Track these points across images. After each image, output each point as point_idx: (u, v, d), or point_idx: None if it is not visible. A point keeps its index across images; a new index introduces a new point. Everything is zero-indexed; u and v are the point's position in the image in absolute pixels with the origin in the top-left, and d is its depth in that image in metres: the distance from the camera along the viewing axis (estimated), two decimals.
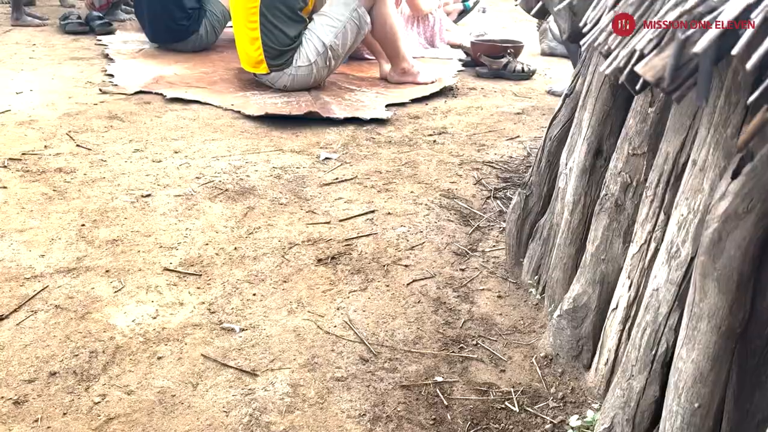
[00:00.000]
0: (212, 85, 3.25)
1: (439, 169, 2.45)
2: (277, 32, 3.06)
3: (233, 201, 2.09)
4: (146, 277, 1.65)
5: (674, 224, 0.94)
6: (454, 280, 1.70)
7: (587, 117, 1.32)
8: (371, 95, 3.30)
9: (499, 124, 3.02)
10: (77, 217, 1.92)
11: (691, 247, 0.89)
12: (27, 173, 2.19)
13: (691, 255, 0.90)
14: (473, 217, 2.06)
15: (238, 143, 2.58)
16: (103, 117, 2.76)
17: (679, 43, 0.57)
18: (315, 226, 1.96)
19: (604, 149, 1.31)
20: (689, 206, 0.90)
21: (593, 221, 1.29)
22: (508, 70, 3.85)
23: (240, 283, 1.65)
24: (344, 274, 1.70)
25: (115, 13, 4.61)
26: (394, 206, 2.11)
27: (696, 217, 0.89)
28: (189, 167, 2.32)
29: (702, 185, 0.88)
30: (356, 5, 3.14)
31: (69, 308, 1.51)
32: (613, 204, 1.23)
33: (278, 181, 2.26)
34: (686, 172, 0.95)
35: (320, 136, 2.72)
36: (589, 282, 1.29)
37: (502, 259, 1.80)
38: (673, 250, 0.93)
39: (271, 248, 1.82)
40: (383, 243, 1.88)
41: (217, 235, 1.88)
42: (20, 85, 3.14)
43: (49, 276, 1.63)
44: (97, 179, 2.18)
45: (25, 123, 2.65)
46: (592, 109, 1.30)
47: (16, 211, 1.94)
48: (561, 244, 1.42)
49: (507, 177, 2.38)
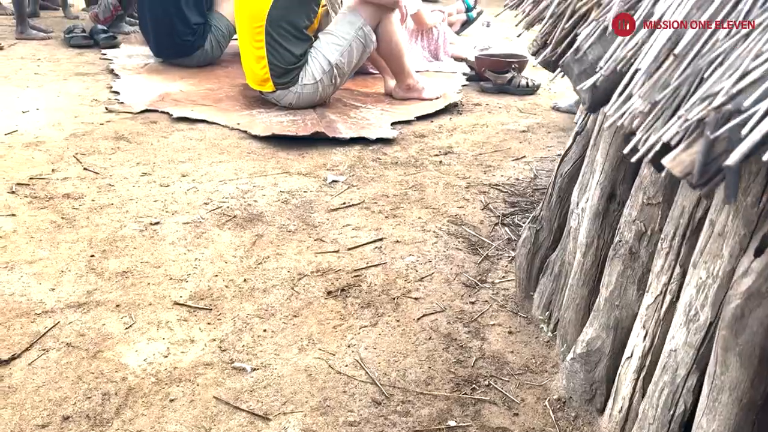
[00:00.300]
0: (218, 103, 3.25)
1: (446, 192, 2.45)
2: (282, 51, 3.07)
3: (242, 228, 2.09)
4: (156, 311, 1.65)
5: (692, 286, 0.94)
6: (465, 314, 1.70)
7: (600, 160, 1.32)
8: (376, 112, 3.30)
9: (504, 143, 3.02)
10: (86, 247, 1.92)
11: (710, 312, 0.89)
12: (35, 199, 2.19)
13: (710, 320, 0.90)
14: (482, 245, 2.06)
15: (245, 165, 2.58)
16: (110, 138, 2.76)
17: (707, 142, 0.57)
18: (324, 255, 1.96)
19: (618, 193, 1.31)
20: (708, 270, 0.90)
21: (607, 266, 1.29)
22: (513, 85, 3.85)
23: (250, 317, 1.65)
24: (354, 308, 1.70)
25: (120, 25, 4.60)
26: (402, 233, 2.11)
27: (715, 282, 0.89)
28: (197, 192, 2.32)
29: (721, 251, 0.88)
30: (362, 24, 3.14)
31: (80, 346, 1.51)
32: (627, 251, 1.23)
33: (286, 206, 2.26)
34: (704, 232, 0.95)
35: (327, 157, 2.72)
36: (603, 327, 1.29)
37: (512, 292, 1.80)
38: (691, 313, 0.93)
39: (281, 279, 1.82)
40: (392, 274, 1.88)
41: (226, 266, 1.88)
42: (26, 103, 3.14)
43: (60, 311, 1.63)
44: (105, 205, 2.18)
45: (32, 144, 2.65)
46: (605, 154, 1.30)
47: (25, 241, 1.94)
48: (573, 285, 1.42)
49: (514, 201, 2.38)
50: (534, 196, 2.45)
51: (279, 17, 3.02)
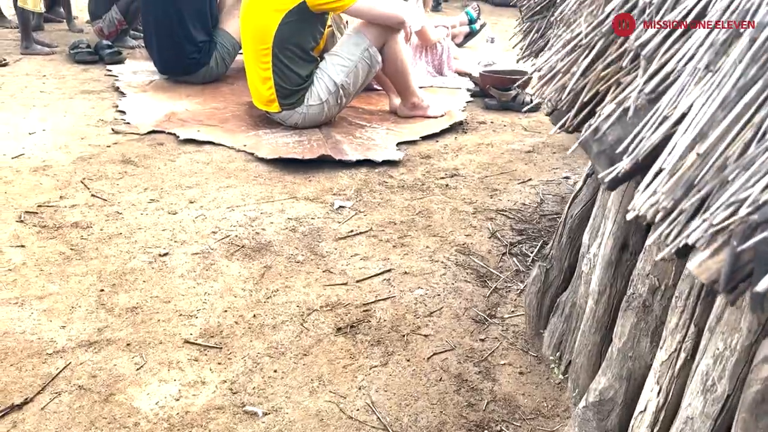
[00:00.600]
0: (224, 123, 3.26)
1: (453, 219, 2.45)
2: (289, 72, 3.07)
3: (250, 259, 2.09)
4: (167, 350, 1.65)
5: (710, 356, 0.94)
6: (475, 352, 1.70)
7: (612, 210, 1.33)
8: (382, 132, 3.30)
9: (510, 165, 3.02)
10: (96, 280, 1.93)
11: (728, 384, 0.90)
12: (44, 229, 2.20)
13: (728, 392, 0.90)
14: (490, 276, 2.06)
15: (253, 190, 2.59)
16: (117, 161, 2.76)
17: (734, 253, 0.58)
18: (332, 288, 1.96)
19: (631, 244, 1.31)
20: (725, 342, 0.91)
21: (620, 316, 1.29)
22: (517, 101, 3.86)
23: (260, 357, 1.65)
24: (364, 346, 1.71)
25: (124, 39, 4.61)
26: (411, 264, 2.11)
27: (733, 356, 0.89)
28: (205, 219, 2.33)
29: (739, 324, 0.88)
30: (367, 45, 3.15)
31: (92, 389, 1.51)
32: (640, 304, 1.23)
33: (294, 234, 2.27)
34: (720, 301, 0.95)
35: (333, 181, 2.73)
36: (616, 377, 1.29)
37: (522, 328, 1.80)
38: (708, 383, 0.93)
39: (290, 315, 1.83)
40: (401, 308, 1.88)
41: (235, 300, 1.88)
42: (33, 124, 3.15)
43: (71, 351, 1.63)
44: (114, 235, 2.18)
45: (40, 169, 2.65)
46: (617, 204, 1.30)
47: (35, 274, 1.94)
48: (585, 332, 1.43)
49: (521, 229, 2.39)
50: (541, 223, 2.45)
51: (286, 39, 3.02)
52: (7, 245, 2.09)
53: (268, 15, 3.01)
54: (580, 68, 0.94)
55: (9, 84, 3.75)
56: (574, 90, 0.96)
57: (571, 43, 0.98)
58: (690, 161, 0.69)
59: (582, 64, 0.94)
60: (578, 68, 0.94)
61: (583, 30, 0.96)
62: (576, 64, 0.95)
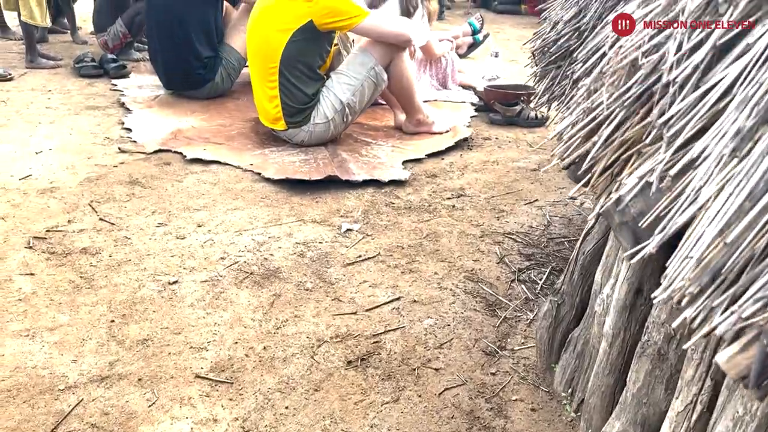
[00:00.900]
0: (230, 141, 3.26)
1: (461, 243, 2.45)
2: (295, 91, 3.08)
3: (259, 287, 2.09)
4: (179, 386, 1.65)
5: (729, 418, 0.94)
6: (486, 387, 1.70)
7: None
8: (387, 149, 3.30)
9: (516, 184, 3.03)
10: (106, 310, 1.93)
11: None
12: (53, 255, 2.20)
13: None
14: (499, 305, 2.07)
15: (260, 213, 2.59)
16: (124, 182, 2.77)
17: (764, 350, 0.58)
18: (342, 317, 1.97)
19: (645, 289, 1.31)
20: (746, 407, 0.91)
21: (634, 362, 1.29)
22: (522, 117, 3.86)
23: (272, 392, 1.65)
24: (375, 381, 1.71)
25: (128, 52, 4.61)
26: (419, 292, 2.11)
27: (753, 421, 0.89)
28: (213, 245, 2.33)
29: None
30: (374, 64, 3.15)
31: (105, 427, 1.51)
32: (655, 352, 1.23)
33: (302, 260, 2.27)
34: None
35: (340, 202, 2.73)
36: (630, 422, 1.30)
37: (533, 361, 1.80)
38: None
39: (300, 346, 1.83)
40: (411, 339, 1.88)
41: (245, 331, 1.88)
42: (39, 142, 3.15)
43: (83, 386, 1.63)
44: (123, 262, 2.18)
45: (47, 191, 2.65)
46: None
47: (45, 304, 1.94)
48: (599, 373, 1.43)
49: (530, 254, 2.39)
50: (549, 247, 2.45)
51: (293, 58, 3.03)
52: (17, 273, 2.09)
53: (275, 34, 3.02)
54: (601, 138, 0.94)
55: (15, 99, 3.76)
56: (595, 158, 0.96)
57: (593, 113, 0.98)
58: (717, 249, 0.69)
59: (603, 134, 0.94)
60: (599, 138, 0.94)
61: (605, 101, 0.96)
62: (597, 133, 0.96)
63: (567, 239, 2.51)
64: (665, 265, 1.26)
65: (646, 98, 0.90)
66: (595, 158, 0.95)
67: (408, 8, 3.93)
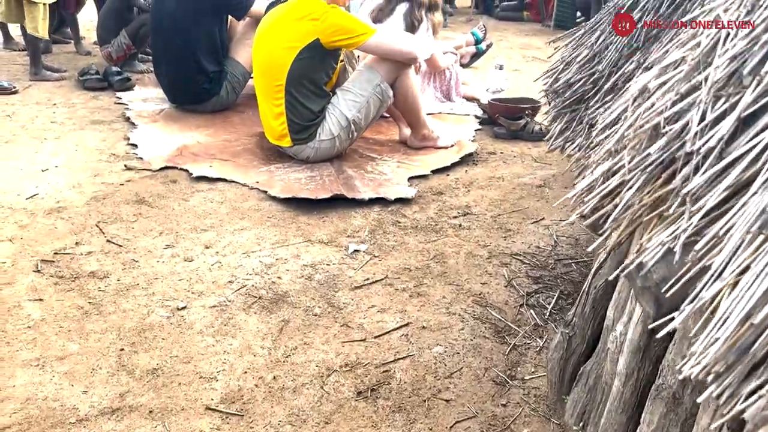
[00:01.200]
0: (236, 157, 3.26)
1: (468, 264, 2.45)
2: (301, 108, 3.08)
3: (268, 312, 2.09)
4: (189, 418, 1.65)
5: None
6: (497, 419, 1.70)
7: None
8: (393, 165, 3.30)
9: (522, 201, 3.02)
10: (115, 338, 1.93)
11: None
12: (61, 279, 2.20)
13: None
14: (509, 331, 2.07)
15: (267, 233, 2.59)
16: (131, 202, 2.76)
17: None
18: (351, 345, 1.96)
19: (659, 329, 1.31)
20: None
21: (648, 403, 1.29)
22: (527, 131, 3.86)
23: (282, 425, 1.65)
24: (386, 413, 1.71)
25: (132, 63, 4.61)
26: (428, 318, 2.11)
27: None
28: (221, 267, 2.33)
29: None
30: (379, 81, 3.15)
31: None
32: (670, 395, 1.23)
33: (310, 283, 2.27)
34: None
35: (347, 221, 2.73)
36: None
37: (543, 391, 1.80)
38: None
39: (310, 376, 1.83)
40: (421, 368, 1.88)
41: (255, 359, 1.88)
42: (45, 159, 3.15)
43: (94, 419, 1.63)
44: (131, 286, 2.18)
45: (54, 211, 2.65)
46: None
47: (54, 332, 1.94)
48: (612, 411, 1.43)
49: (537, 276, 2.38)
50: (557, 269, 2.45)
51: (299, 75, 3.03)
52: (26, 299, 2.09)
53: (281, 52, 3.02)
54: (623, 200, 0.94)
55: (20, 114, 3.76)
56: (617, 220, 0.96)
57: (615, 176, 0.98)
58: (744, 329, 0.69)
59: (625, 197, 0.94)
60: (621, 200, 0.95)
61: (626, 165, 0.96)
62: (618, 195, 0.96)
63: (575, 260, 2.51)
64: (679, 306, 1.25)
65: (668, 163, 0.90)
66: (617, 220, 0.95)
67: (413, 22, 3.93)
